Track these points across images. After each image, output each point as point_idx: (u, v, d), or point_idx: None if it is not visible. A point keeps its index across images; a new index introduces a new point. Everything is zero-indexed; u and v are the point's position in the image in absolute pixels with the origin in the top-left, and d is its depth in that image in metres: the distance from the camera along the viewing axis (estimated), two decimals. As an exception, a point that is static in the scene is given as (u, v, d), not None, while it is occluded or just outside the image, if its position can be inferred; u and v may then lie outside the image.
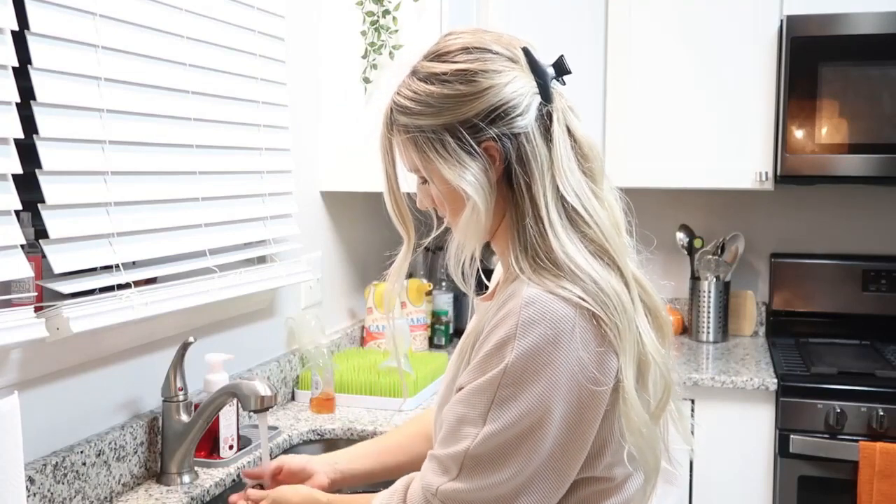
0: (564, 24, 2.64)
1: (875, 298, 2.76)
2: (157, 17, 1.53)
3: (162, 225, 1.53)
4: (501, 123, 1.02)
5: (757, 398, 2.35)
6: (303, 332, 2.13)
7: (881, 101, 2.43)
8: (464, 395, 1.02)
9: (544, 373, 0.96)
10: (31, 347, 1.30)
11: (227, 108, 1.75)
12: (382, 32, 2.18)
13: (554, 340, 0.96)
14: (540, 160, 1.03)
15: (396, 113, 1.07)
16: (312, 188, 2.28)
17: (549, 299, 0.98)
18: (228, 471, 1.62)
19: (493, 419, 0.98)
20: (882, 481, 2.15)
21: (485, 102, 1.02)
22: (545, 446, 0.98)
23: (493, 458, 0.99)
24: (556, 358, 0.96)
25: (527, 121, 1.03)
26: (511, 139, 1.03)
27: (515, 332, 0.97)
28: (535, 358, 0.96)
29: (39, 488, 1.30)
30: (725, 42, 2.61)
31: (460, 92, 1.02)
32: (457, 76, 1.03)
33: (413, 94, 1.05)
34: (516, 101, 1.02)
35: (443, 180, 1.05)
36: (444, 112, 1.03)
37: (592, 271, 0.99)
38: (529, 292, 0.98)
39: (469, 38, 1.06)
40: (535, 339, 0.96)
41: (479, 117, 1.02)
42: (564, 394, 0.97)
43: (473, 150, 1.02)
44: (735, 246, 2.82)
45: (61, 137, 1.31)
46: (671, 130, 2.67)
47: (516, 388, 0.97)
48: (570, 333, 0.97)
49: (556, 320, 0.97)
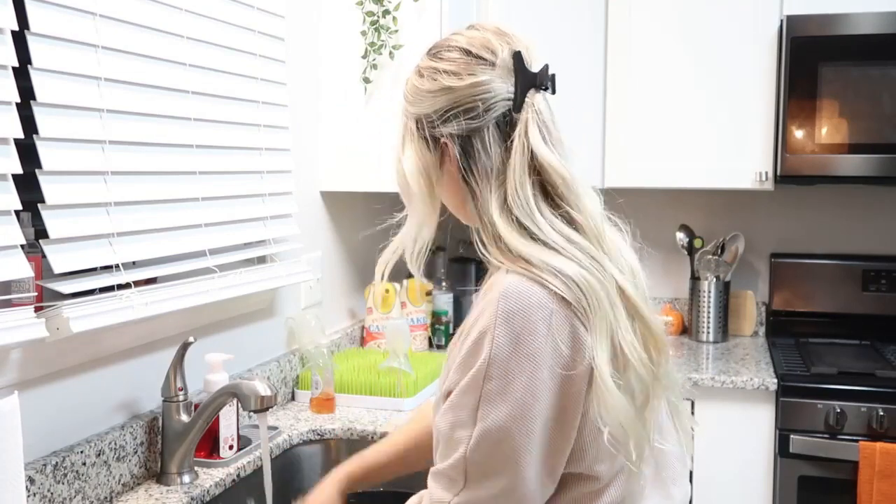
0: (564, 24, 2.64)
1: (875, 298, 2.76)
2: (157, 17, 1.53)
3: (162, 225, 1.53)
4: (453, 123, 1.08)
5: (757, 398, 2.35)
6: (303, 332, 2.13)
7: (881, 101, 2.43)
8: (453, 399, 1.02)
9: (526, 362, 0.98)
10: (31, 347, 1.30)
11: (227, 108, 1.75)
12: (382, 32, 2.18)
13: (532, 330, 0.98)
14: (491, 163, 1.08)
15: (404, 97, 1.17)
16: (312, 188, 2.28)
17: (526, 288, 0.99)
18: (228, 471, 1.62)
19: (483, 416, 0.99)
20: (882, 481, 2.15)
21: (439, 101, 1.09)
22: (538, 437, 0.99)
23: (493, 456, 0.99)
24: (533, 347, 0.98)
25: (480, 123, 1.08)
26: (461, 138, 1.08)
27: (494, 324, 0.98)
28: (515, 348, 0.98)
29: (39, 488, 1.30)
30: (725, 42, 2.61)
31: (425, 87, 1.11)
32: (428, 72, 1.11)
33: (408, 83, 1.15)
34: (471, 103, 1.07)
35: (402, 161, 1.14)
36: (415, 103, 1.13)
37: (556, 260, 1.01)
38: (507, 282, 1.00)
39: (464, 39, 1.11)
40: (512, 329, 0.98)
41: (436, 114, 1.10)
42: (547, 380, 0.98)
43: (429, 142, 1.11)
44: (735, 246, 2.82)
45: (61, 137, 1.31)
46: (671, 130, 2.67)
47: (502, 381, 0.98)
48: (546, 321, 0.98)
49: (531, 310, 0.98)
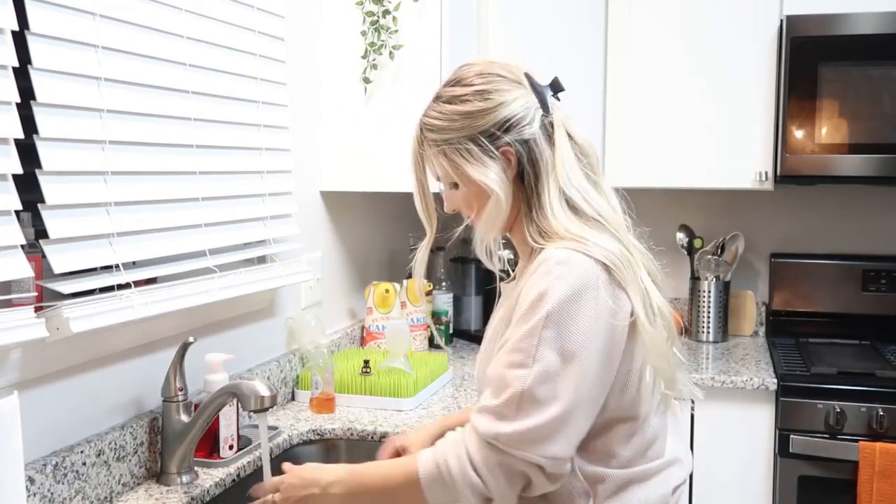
0: (564, 24, 2.64)
1: (875, 298, 2.76)
2: (157, 17, 1.53)
3: (162, 225, 1.53)
4: (514, 132, 1.26)
5: (757, 398, 2.35)
6: (303, 332, 2.13)
7: (881, 101, 2.43)
8: (510, 346, 1.18)
9: (580, 315, 1.15)
10: (31, 347, 1.30)
11: (227, 108, 1.75)
12: (382, 32, 2.18)
13: (584, 288, 1.16)
14: (545, 161, 1.26)
15: (426, 131, 1.32)
16: (312, 188, 2.28)
17: (576, 256, 1.18)
18: (228, 471, 1.62)
19: (541, 357, 1.15)
20: (882, 481, 2.15)
21: (499, 115, 1.26)
22: (589, 377, 1.16)
23: (545, 393, 1.14)
24: (588, 302, 1.16)
25: (533, 129, 1.27)
26: (522, 144, 1.26)
27: (553, 284, 1.16)
28: (571, 303, 1.15)
29: (39, 488, 1.30)
30: (725, 42, 2.61)
31: (478, 108, 1.26)
32: (475, 95, 1.27)
33: (439, 114, 1.29)
34: (523, 113, 1.26)
35: (470, 181, 1.28)
36: (466, 126, 1.27)
37: (592, 236, 1.21)
38: (559, 253, 1.19)
39: (481, 67, 1.30)
40: (569, 288, 1.16)
41: (495, 127, 1.26)
42: (599, 330, 1.17)
43: (493, 154, 1.26)
44: (735, 246, 2.82)
45: (61, 137, 1.31)
46: (671, 130, 2.67)
47: (559, 329, 1.15)
48: (595, 281, 1.17)
49: (584, 272, 1.17)
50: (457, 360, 2.55)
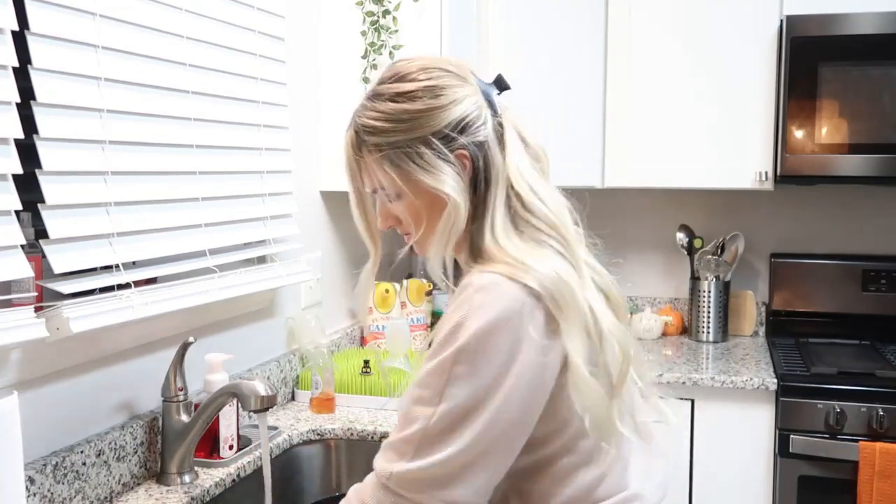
0: (564, 24, 2.64)
1: (875, 298, 2.76)
2: (157, 17, 1.53)
3: (162, 225, 1.53)
4: (468, 133, 1.13)
5: (757, 398, 2.35)
6: (303, 332, 2.13)
7: (881, 101, 2.43)
8: (418, 379, 1.07)
9: (498, 350, 1.02)
10: (31, 347, 1.30)
11: (227, 108, 1.75)
12: (382, 32, 2.18)
13: (505, 321, 1.03)
14: (497, 166, 1.13)
15: (364, 135, 1.15)
16: (312, 188, 2.28)
17: (502, 282, 1.05)
18: (228, 471, 1.62)
19: (448, 397, 1.03)
20: (882, 481, 2.15)
21: (453, 114, 1.12)
22: (502, 421, 1.03)
23: (445, 433, 1.03)
24: (508, 335, 1.02)
25: (487, 130, 1.14)
26: (478, 147, 1.13)
27: (468, 314, 1.03)
28: (489, 336, 1.02)
29: (39, 488, 1.30)
30: (725, 42, 2.61)
31: (430, 106, 1.12)
32: (425, 92, 1.12)
33: (381, 113, 1.14)
34: (477, 112, 1.14)
35: (422, 190, 1.13)
36: (416, 126, 1.12)
37: (530, 259, 1.07)
38: (482, 278, 1.06)
39: (424, 61, 1.16)
40: (487, 319, 1.02)
41: (448, 128, 1.12)
42: (516, 371, 1.03)
43: (447, 157, 1.12)
44: (735, 246, 2.82)
45: (61, 137, 1.31)
46: (671, 130, 2.67)
47: (470, 366, 1.02)
48: (519, 314, 1.03)
49: (507, 303, 1.03)
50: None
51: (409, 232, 1.20)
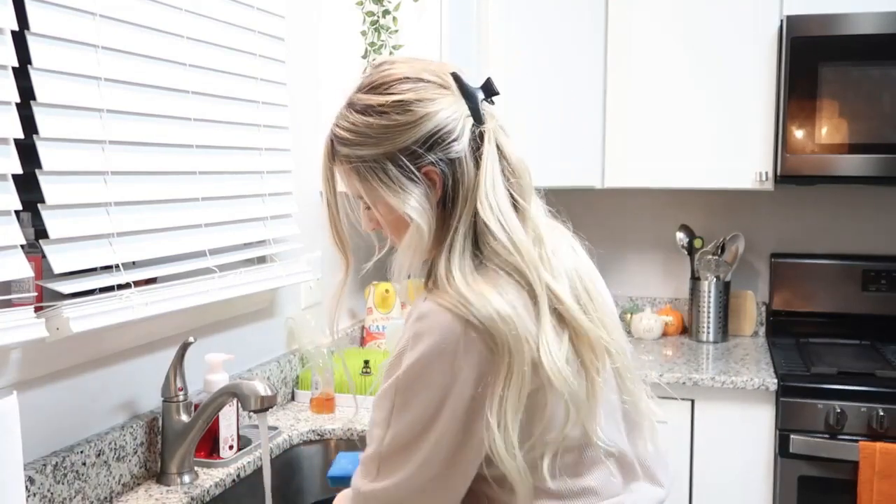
0: (564, 24, 2.64)
1: (875, 298, 2.76)
2: (157, 17, 1.53)
3: (162, 225, 1.53)
4: (438, 149, 1.07)
5: (757, 398, 2.35)
6: (303, 332, 2.13)
7: (881, 101, 2.43)
8: (375, 400, 1.09)
9: (431, 381, 1.02)
10: (31, 347, 1.30)
11: (227, 108, 1.75)
12: (382, 32, 2.18)
13: (440, 352, 1.01)
14: (468, 183, 1.07)
15: (337, 144, 1.13)
16: (312, 188, 2.28)
17: (439, 313, 1.02)
18: (228, 471, 1.62)
19: (395, 423, 1.05)
20: (882, 481, 2.15)
21: (421, 130, 1.06)
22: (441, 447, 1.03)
23: (400, 455, 1.05)
24: (441, 367, 1.01)
25: (462, 145, 1.07)
26: (448, 164, 1.07)
27: (407, 345, 1.04)
28: (424, 367, 1.02)
29: (39, 488, 1.30)
30: (725, 42, 2.61)
31: (397, 122, 1.06)
32: (393, 107, 1.07)
33: (351, 125, 1.10)
34: (450, 126, 1.07)
35: (387, 206, 1.10)
36: (383, 142, 1.07)
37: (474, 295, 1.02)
38: (423, 307, 1.05)
39: (402, 68, 1.10)
40: (423, 350, 1.02)
41: (417, 144, 1.06)
42: (450, 401, 1.01)
43: (414, 175, 1.07)
44: (735, 246, 2.82)
45: (61, 137, 1.31)
46: (671, 130, 2.67)
47: (409, 395, 1.03)
48: (454, 345, 1.01)
49: (443, 333, 1.01)
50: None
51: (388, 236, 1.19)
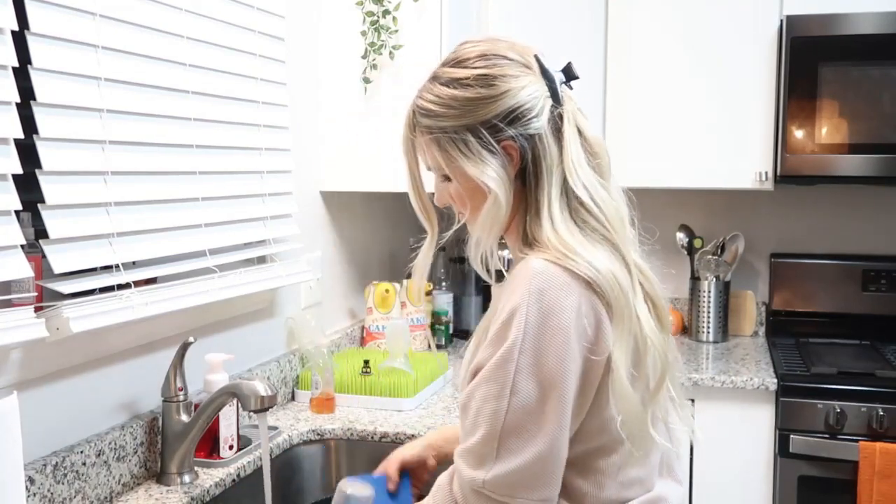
0: (564, 24, 2.64)
1: (875, 298, 2.76)
2: (157, 17, 1.53)
3: (162, 225, 1.53)
4: (518, 124, 1.10)
5: (757, 398, 2.35)
6: (303, 332, 2.13)
7: (881, 101, 2.43)
8: (484, 374, 1.05)
9: (557, 336, 1.02)
10: (31, 347, 1.30)
11: (227, 108, 1.75)
12: (382, 32, 2.18)
13: (561, 308, 1.02)
14: (550, 159, 1.10)
15: (419, 115, 1.16)
16: (312, 188, 2.28)
17: (555, 269, 1.04)
18: (228, 471, 1.62)
19: (519, 389, 1.02)
20: (882, 481, 2.15)
21: (503, 105, 1.10)
22: (566, 408, 1.03)
23: (526, 427, 1.02)
24: (564, 324, 1.02)
25: (541, 122, 1.11)
26: (527, 139, 1.11)
27: (526, 300, 1.02)
28: (547, 322, 1.02)
29: (39, 488, 1.30)
30: (725, 42, 2.61)
31: (480, 95, 1.10)
32: (478, 80, 1.11)
33: (436, 97, 1.13)
34: (531, 103, 1.11)
35: (466, 177, 1.12)
36: (466, 114, 1.11)
37: (587, 254, 1.06)
38: (536, 264, 1.05)
39: (486, 46, 1.14)
40: (545, 305, 1.02)
41: (498, 118, 1.10)
42: (575, 355, 1.03)
43: (493, 148, 1.10)
44: (735, 246, 2.82)
45: (61, 137, 1.31)
46: (671, 130, 2.67)
47: (535, 354, 1.02)
48: (576, 302, 1.03)
49: (563, 289, 1.03)
50: (457, 360, 2.55)
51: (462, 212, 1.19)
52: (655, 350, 1.09)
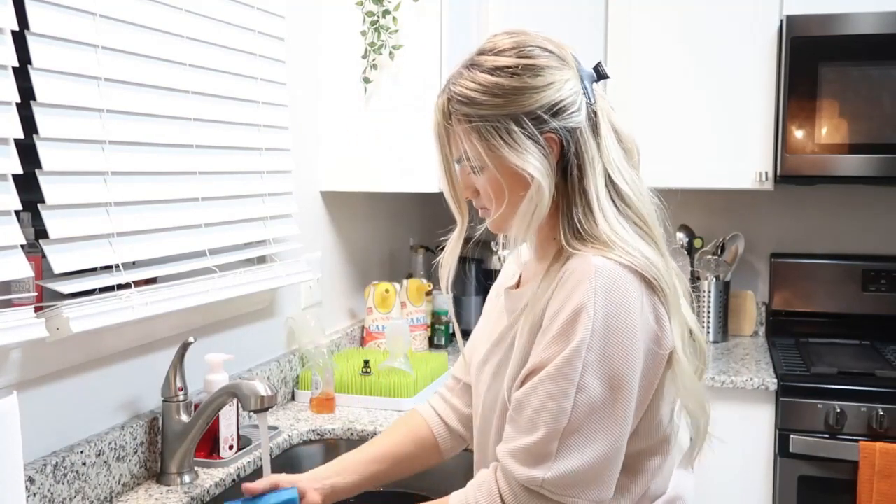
0: (564, 24, 2.64)
1: (875, 298, 2.76)
2: (157, 17, 1.53)
3: (162, 225, 1.53)
4: (562, 117, 1.10)
5: (757, 398, 2.35)
6: (303, 332, 2.13)
7: (881, 101, 2.43)
8: (549, 372, 1.03)
9: (624, 335, 1.02)
10: (31, 347, 1.30)
11: (227, 108, 1.75)
12: (382, 32, 2.18)
13: (627, 306, 1.03)
14: (591, 153, 1.11)
15: (457, 103, 1.12)
16: (312, 188, 2.28)
17: (617, 267, 1.04)
18: (228, 471, 1.62)
19: (585, 386, 1.02)
20: (882, 481, 2.15)
21: (549, 97, 1.09)
22: (631, 408, 1.04)
23: (591, 426, 1.02)
24: (631, 321, 1.03)
25: (581, 116, 1.11)
26: (569, 132, 1.10)
27: (592, 298, 1.02)
28: (614, 320, 1.02)
29: (39, 488, 1.30)
30: (725, 42, 2.61)
31: (528, 85, 1.09)
32: (526, 70, 1.09)
33: (478, 85, 1.10)
34: (572, 97, 1.11)
35: (505, 166, 1.10)
36: (510, 103, 1.09)
37: (642, 246, 1.08)
38: (597, 261, 1.04)
39: (526, 38, 1.13)
40: (611, 304, 1.02)
41: (542, 109, 1.09)
42: (641, 354, 1.04)
43: (537, 138, 1.09)
44: (735, 246, 2.82)
45: (61, 137, 1.31)
46: (671, 131, 2.67)
47: (603, 351, 1.02)
48: (639, 300, 1.04)
49: (627, 287, 1.04)
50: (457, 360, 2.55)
51: (486, 207, 1.17)
52: (698, 341, 1.12)
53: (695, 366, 1.11)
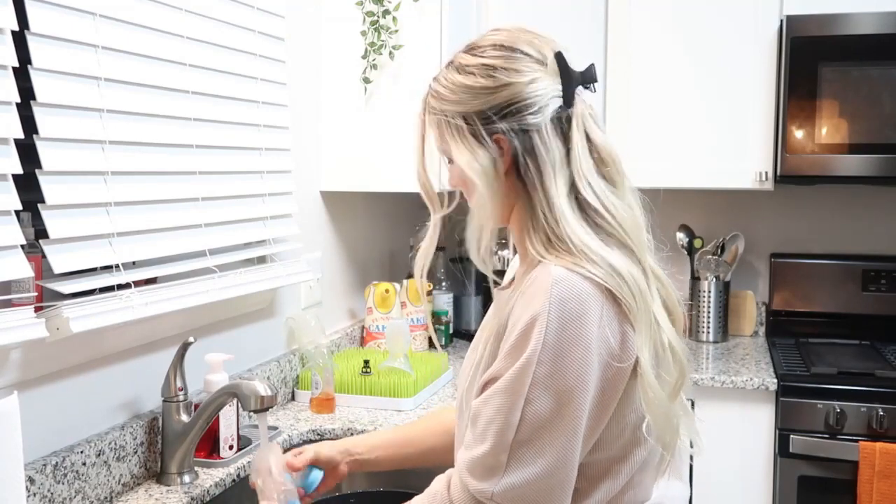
0: (564, 24, 2.64)
1: (875, 298, 2.76)
2: (157, 17, 1.53)
3: (162, 225, 1.53)
4: (513, 119, 1.08)
5: (757, 398, 2.35)
6: (303, 332, 2.13)
7: (881, 101, 2.43)
8: (501, 384, 1.03)
9: (576, 348, 1.00)
10: (31, 347, 1.30)
11: (227, 108, 1.75)
12: (382, 32, 2.19)
13: (582, 317, 1.00)
14: (552, 157, 1.08)
15: (430, 96, 1.17)
16: (312, 188, 2.28)
17: (575, 278, 1.02)
18: (228, 471, 1.62)
19: (534, 399, 1.00)
20: (882, 481, 2.15)
21: (500, 97, 1.09)
22: (581, 422, 1.01)
23: (539, 439, 1.01)
24: (585, 334, 1.00)
25: (539, 119, 1.08)
26: (520, 134, 1.08)
27: (547, 310, 1.00)
28: (567, 333, 1.00)
29: (39, 488, 1.30)
30: (725, 42, 2.61)
31: (479, 84, 1.10)
32: (481, 70, 1.11)
33: (445, 80, 1.14)
34: (532, 99, 1.09)
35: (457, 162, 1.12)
36: (463, 101, 1.11)
37: (606, 254, 1.04)
38: (556, 271, 1.02)
39: (505, 36, 1.14)
40: (565, 315, 1.00)
41: (492, 110, 1.09)
42: (595, 367, 1.01)
43: (484, 139, 1.09)
44: (735, 246, 2.82)
45: (61, 137, 1.31)
46: (671, 131, 2.67)
47: (553, 365, 1.00)
48: (597, 312, 1.01)
49: (583, 298, 1.01)
50: (457, 360, 2.55)
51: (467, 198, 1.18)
52: (676, 355, 1.07)
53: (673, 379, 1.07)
